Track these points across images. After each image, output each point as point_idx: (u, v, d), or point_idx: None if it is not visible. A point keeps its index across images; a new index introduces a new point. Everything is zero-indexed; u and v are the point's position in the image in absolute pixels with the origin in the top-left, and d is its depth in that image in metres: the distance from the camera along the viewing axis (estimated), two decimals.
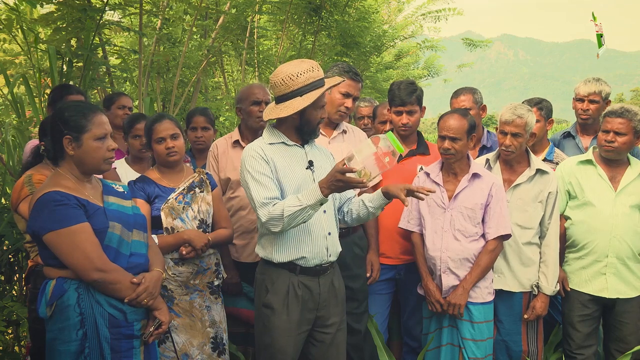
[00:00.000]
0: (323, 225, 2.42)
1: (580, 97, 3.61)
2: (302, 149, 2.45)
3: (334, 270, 2.54)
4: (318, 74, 2.34)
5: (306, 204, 2.19)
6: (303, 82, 2.30)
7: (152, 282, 2.11)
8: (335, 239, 2.48)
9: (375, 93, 12.49)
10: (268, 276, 2.43)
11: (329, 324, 2.48)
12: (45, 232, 1.94)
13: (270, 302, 2.39)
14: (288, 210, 2.21)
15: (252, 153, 2.36)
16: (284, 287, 2.39)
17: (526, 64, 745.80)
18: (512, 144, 2.90)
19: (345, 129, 3.07)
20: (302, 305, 2.40)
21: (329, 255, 2.44)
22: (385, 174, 3.11)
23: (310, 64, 2.35)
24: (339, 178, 2.11)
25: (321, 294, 2.43)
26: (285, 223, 2.23)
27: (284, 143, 2.43)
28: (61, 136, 2.03)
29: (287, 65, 2.36)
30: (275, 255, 2.39)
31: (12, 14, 4.18)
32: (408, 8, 12.53)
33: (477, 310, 2.81)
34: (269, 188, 2.30)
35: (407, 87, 3.07)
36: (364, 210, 2.49)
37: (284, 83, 2.32)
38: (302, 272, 2.40)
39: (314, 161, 2.45)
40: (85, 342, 1.97)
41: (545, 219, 2.95)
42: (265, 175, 2.32)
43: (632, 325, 2.95)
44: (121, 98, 3.73)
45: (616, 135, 2.90)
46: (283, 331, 2.37)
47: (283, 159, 2.39)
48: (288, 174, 2.37)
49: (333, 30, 7.25)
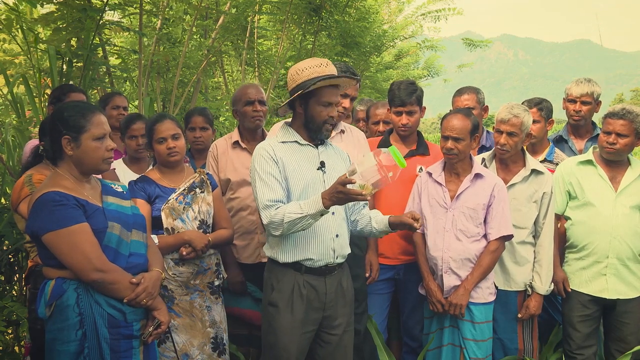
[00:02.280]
0: (330, 227, 2.40)
1: (572, 98, 3.59)
2: (315, 149, 2.45)
3: (343, 270, 2.52)
4: (325, 70, 2.34)
5: (307, 212, 2.19)
6: (307, 76, 2.32)
7: (151, 282, 2.11)
8: (343, 241, 2.47)
9: (375, 93, 12.49)
10: (274, 274, 2.43)
11: (336, 325, 2.47)
12: (44, 233, 1.94)
13: (275, 301, 2.39)
14: (288, 216, 2.22)
15: (262, 152, 2.37)
16: (289, 286, 2.38)
17: (526, 64, 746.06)
18: (507, 142, 2.90)
19: (343, 129, 3.06)
20: (308, 304, 2.39)
21: (336, 257, 2.43)
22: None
23: (321, 61, 2.38)
24: (340, 190, 2.11)
25: (327, 294, 2.42)
26: (285, 228, 2.25)
27: (297, 142, 2.43)
28: (60, 136, 2.03)
29: (302, 61, 2.40)
30: (281, 255, 2.39)
31: (12, 14, 4.17)
32: (408, 8, 12.54)
33: (479, 311, 2.81)
34: (274, 190, 2.30)
35: (407, 87, 3.07)
36: (368, 228, 2.52)
37: (292, 78, 2.38)
38: (307, 271, 2.39)
39: (327, 162, 2.44)
40: (84, 342, 1.97)
41: (540, 219, 2.95)
42: (272, 176, 2.32)
43: (633, 325, 2.95)
44: (115, 98, 3.70)
45: (618, 137, 2.90)
46: (287, 330, 2.36)
47: (294, 158, 2.39)
48: (297, 173, 2.36)
49: (333, 30, 7.25)
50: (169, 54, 5.71)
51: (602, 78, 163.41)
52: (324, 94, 2.34)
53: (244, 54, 6.97)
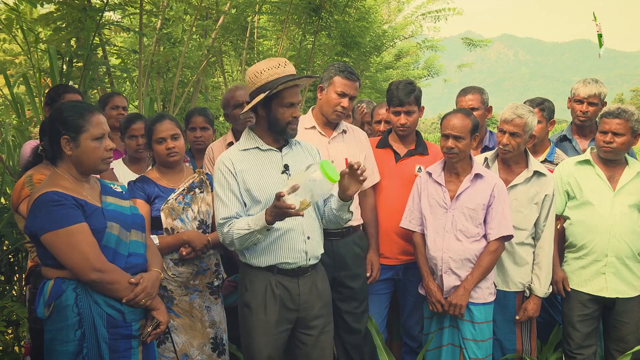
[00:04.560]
0: (301, 230, 2.39)
1: (580, 99, 3.58)
2: (277, 153, 2.42)
3: (317, 272, 2.51)
4: (284, 71, 2.30)
5: (253, 228, 2.21)
6: (266, 78, 2.28)
7: (150, 282, 2.11)
8: (315, 242, 2.44)
9: (375, 93, 12.50)
10: (247, 276, 2.43)
11: (312, 326, 2.46)
12: (43, 233, 1.94)
13: (249, 302, 2.39)
14: (237, 233, 2.25)
15: (220, 166, 2.36)
16: (261, 287, 2.38)
17: (526, 64, 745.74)
18: (510, 143, 2.90)
19: (345, 129, 3.05)
20: (281, 304, 2.38)
21: (308, 259, 2.41)
22: (385, 174, 3.12)
23: (278, 61, 2.33)
24: (274, 204, 2.11)
25: (301, 295, 2.41)
26: (237, 244, 2.29)
27: (258, 148, 2.40)
28: (59, 136, 2.03)
29: (257, 63, 2.36)
30: (254, 260, 2.39)
31: (12, 14, 4.18)
32: (408, 8, 12.54)
33: (478, 311, 2.80)
34: (228, 206, 2.31)
35: (405, 87, 3.06)
36: (332, 214, 2.45)
37: (250, 81, 2.33)
38: (279, 272, 2.39)
39: (291, 165, 2.41)
40: (83, 342, 1.97)
41: (541, 221, 2.94)
42: (230, 191, 2.33)
43: (632, 325, 2.95)
44: (114, 98, 3.70)
45: (614, 136, 2.90)
46: (261, 330, 2.37)
47: (255, 166, 2.37)
48: (260, 181, 2.34)
49: (333, 30, 7.25)
50: (169, 54, 5.72)
51: (602, 78, 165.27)
52: (286, 95, 2.30)
53: (244, 54, 6.98)
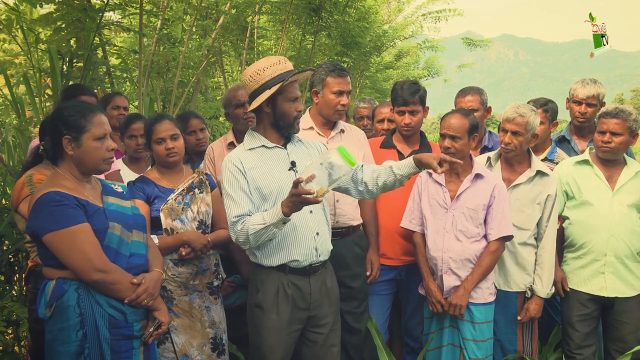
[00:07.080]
0: (310, 226, 2.40)
1: (578, 100, 3.57)
2: (283, 150, 2.44)
3: (326, 270, 2.52)
4: (285, 67, 2.35)
5: (269, 222, 2.20)
6: (270, 75, 2.32)
7: (152, 283, 2.11)
8: (324, 238, 2.46)
9: (375, 93, 12.51)
10: (258, 276, 2.43)
11: (321, 324, 2.48)
12: (44, 233, 1.94)
13: (260, 302, 2.40)
14: (253, 228, 2.23)
15: (229, 165, 2.37)
16: (273, 287, 2.39)
17: (526, 64, 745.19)
18: (512, 141, 2.90)
19: (343, 129, 3.05)
20: (292, 304, 2.39)
21: (319, 255, 2.42)
22: None
23: (277, 58, 2.37)
24: (292, 192, 2.10)
25: (312, 294, 2.42)
26: (251, 241, 2.27)
27: (264, 146, 2.42)
28: (60, 136, 2.03)
29: (255, 63, 2.40)
30: (265, 260, 2.39)
31: (12, 14, 4.18)
32: (408, 8, 12.54)
33: (479, 311, 2.81)
34: (240, 205, 2.31)
35: (410, 87, 3.06)
36: (391, 177, 2.42)
37: (253, 79, 2.35)
38: (291, 271, 2.40)
39: (297, 161, 2.43)
40: (85, 342, 1.97)
41: (543, 222, 2.94)
42: (240, 189, 2.33)
43: (631, 324, 2.95)
44: (115, 98, 3.70)
45: (612, 136, 2.91)
46: (273, 331, 2.37)
47: (263, 164, 2.38)
48: (268, 179, 2.36)
49: (333, 30, 7.26)
50: (169, 54, 5.72)
51: (602, 78, 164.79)
52: (290, 90, 2.35)
53: (244, 54, 6.98)
